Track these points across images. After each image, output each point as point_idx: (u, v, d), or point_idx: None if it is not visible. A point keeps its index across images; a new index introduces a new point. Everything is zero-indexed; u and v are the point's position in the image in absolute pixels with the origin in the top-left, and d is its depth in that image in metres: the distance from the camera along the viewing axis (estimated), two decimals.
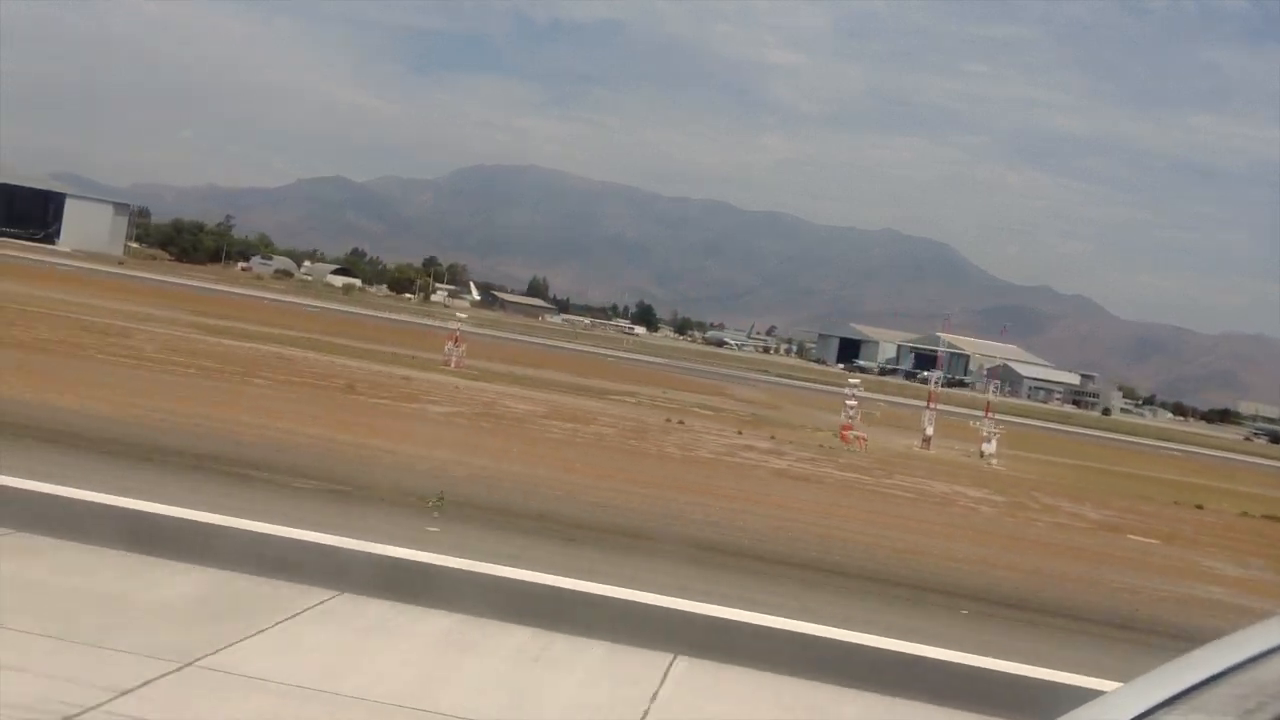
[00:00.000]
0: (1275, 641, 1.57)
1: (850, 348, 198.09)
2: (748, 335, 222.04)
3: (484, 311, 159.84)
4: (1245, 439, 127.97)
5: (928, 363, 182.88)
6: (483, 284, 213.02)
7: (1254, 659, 1.53)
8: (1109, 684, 5.80)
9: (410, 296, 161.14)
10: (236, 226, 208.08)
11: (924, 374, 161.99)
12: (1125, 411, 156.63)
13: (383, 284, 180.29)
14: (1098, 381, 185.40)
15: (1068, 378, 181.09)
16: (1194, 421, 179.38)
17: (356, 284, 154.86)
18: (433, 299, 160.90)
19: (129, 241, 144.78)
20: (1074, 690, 6.72)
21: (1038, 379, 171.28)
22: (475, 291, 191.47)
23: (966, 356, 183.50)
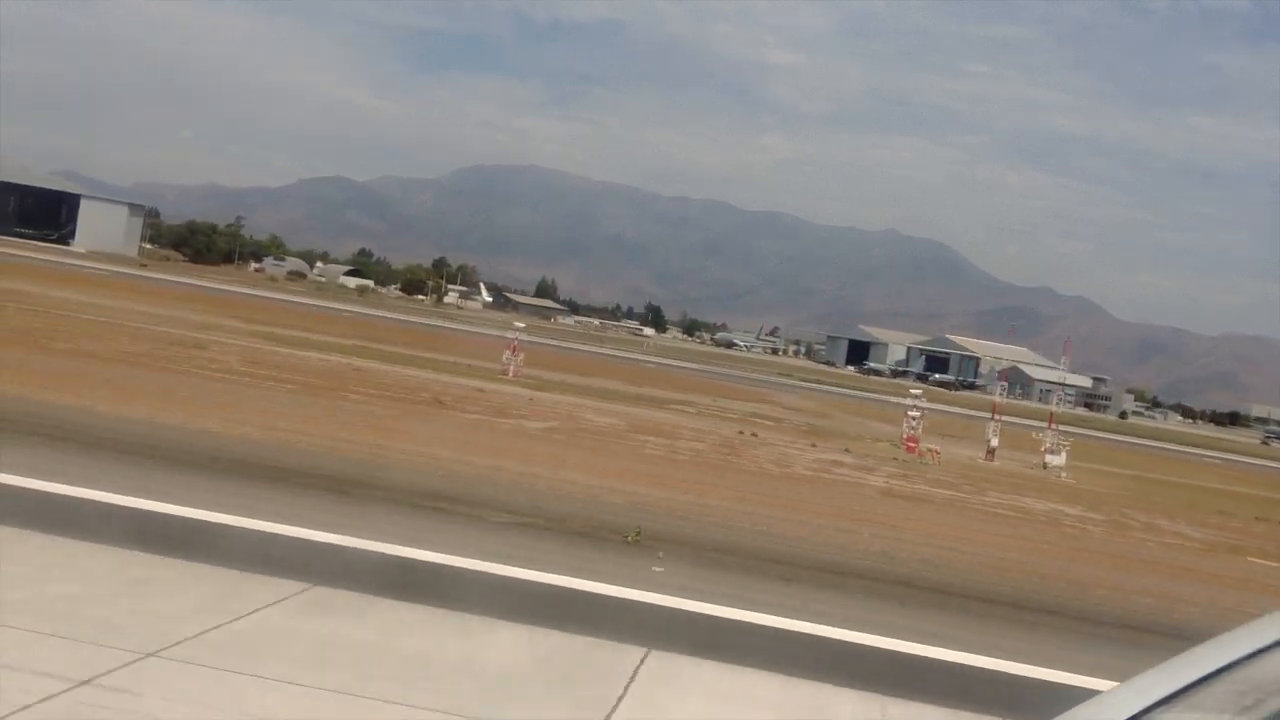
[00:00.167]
0: (1272, 638, 1.58)
1: (859, 349, 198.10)
2: (756, 337, 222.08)
3: (496, 313, 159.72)
4: (1262, 442, 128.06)
5: (939, 365, 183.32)
6: (490, 285, 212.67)
7: (1251, 656, 1.54)
8: (1107, 684, 6.20)
9: (423, 298, 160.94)
10: (233, 224, 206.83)
11: (934, 376, 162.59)
12: (1136, 414, 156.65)
13: (391, 284, 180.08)
14: (1109, 384, 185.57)
15: (1078, 380, 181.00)
16: (1202, 424, 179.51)
17: (370, 285, 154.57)
18: (445, 300, 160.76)
19: (143, 243, 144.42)
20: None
21: (1047, 381, 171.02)
22: (485, 293, 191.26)
23: (977, 359, 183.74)
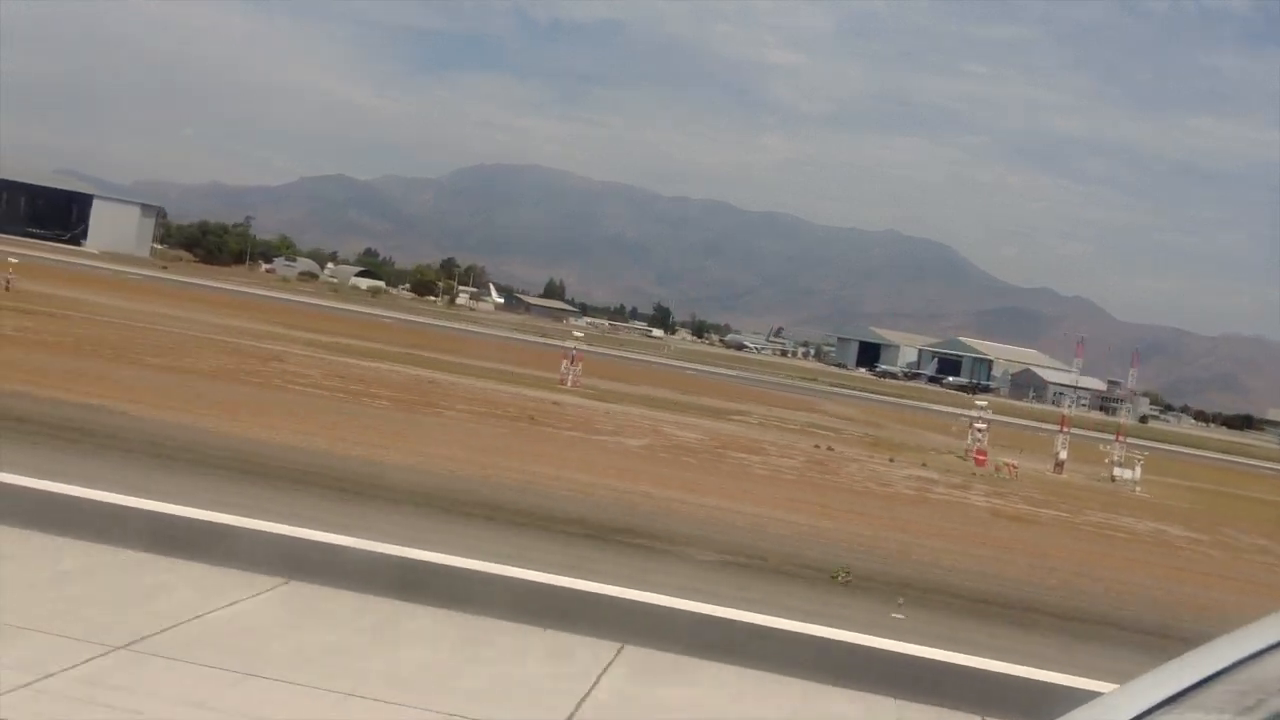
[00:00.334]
0: (1272, 639, 1.58)
1: (870, 351, 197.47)
2: (767, 339, 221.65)
3: (509, 315, 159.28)
4: None
5: (951, 367, 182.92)
6: (499, 286, 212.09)
7: (1251, 657, 1.54)
8: (1106, 685, 5.78)
9: (434, 299, 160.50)
10: (242, 224, 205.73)
11: (947, 378, 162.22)
12: (1152, 418, 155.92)
13: (398, 284, 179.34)
14: (1123, 387, 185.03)
15: (1093, 383, 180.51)
16: (1214, 428, 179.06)
17: (382, 287, 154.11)
18: (457, 302, 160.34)
19: (154, 243, 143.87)
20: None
21: (1062, 384, 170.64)
22: (495, 293, 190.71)
23: (989, 361, 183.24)
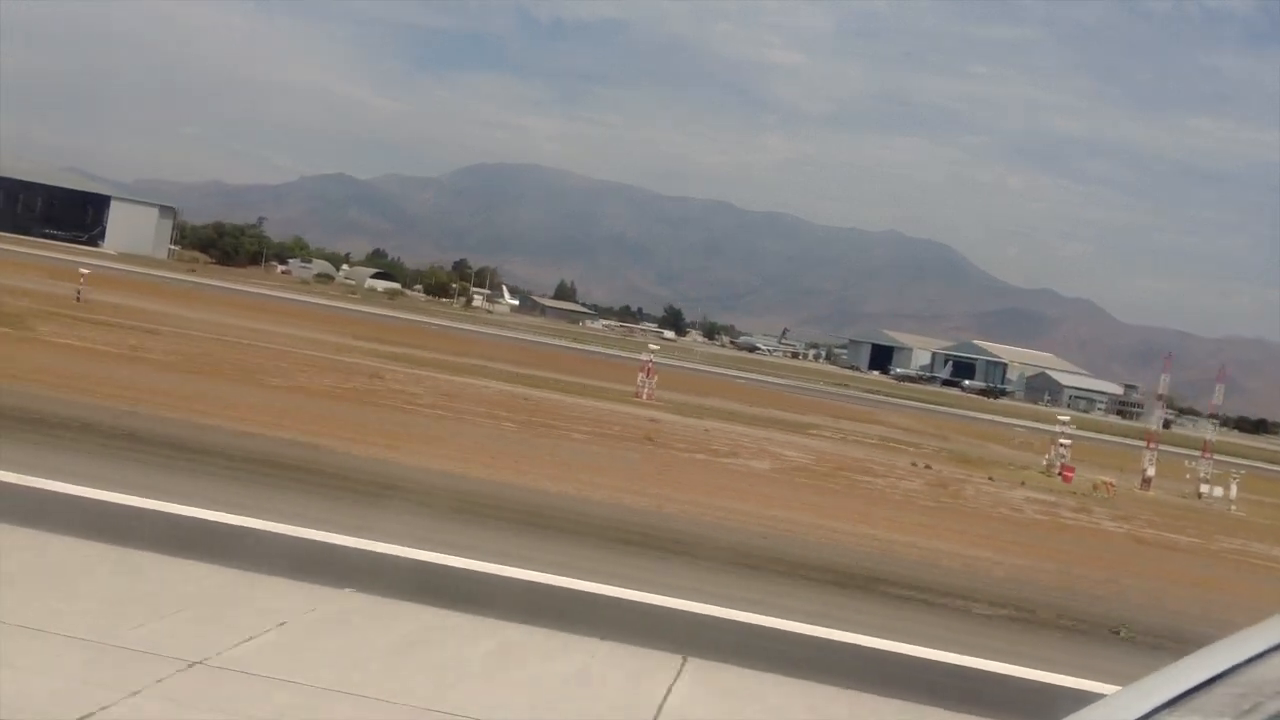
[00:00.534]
0: (1271, 642, 1.58)
1: (882, 354, 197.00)
2: (778, 340, 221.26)
3: (527, 317, 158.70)
4: None
5: (965, 370, 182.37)
6: (513, 288, 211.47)
7: (1251, 660, 1.54)
8: (1107, 687, 5.83)
9: (449, 301, 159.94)
10: (255, 226, 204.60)
11: (965, 382, 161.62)
12: (1170, 422, 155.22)
13: (409, 285, 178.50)
14: (1141, 391, 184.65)
15: (1108, 386, 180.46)
16: (1230, 432, 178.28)
17: (398, 289, 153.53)
18: (473, 304, 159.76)
19: (171, 245, 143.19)
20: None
21: (1078, 388, 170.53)
22: (508, 294, 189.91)
23: (1004, 364, 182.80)
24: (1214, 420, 47.88)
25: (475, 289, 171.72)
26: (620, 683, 6.56)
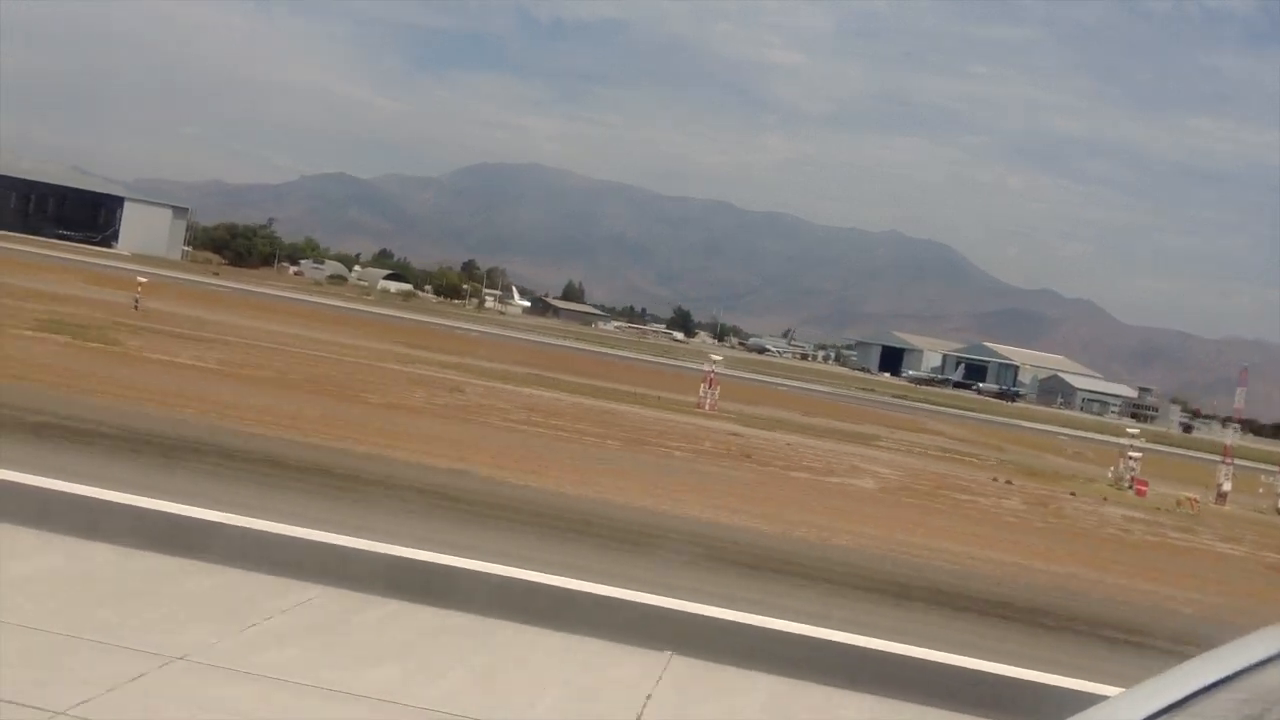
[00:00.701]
0: (1277, 648, 1.57)
1: (893, 356, 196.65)
2: (788, 342, 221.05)
3: (541, 320, 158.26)
4: None
5: (977, 373, 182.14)
6: (523, 289, 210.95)
7: (1256, 665, 1.53)
8: (1108, 689, 5.86)
9: (461, 302, 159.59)
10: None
11: (979, 385, 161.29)
12: (1190, 428, 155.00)
13: (418, 286, 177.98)
14: (1155, 394, 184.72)
15: (1121, 389, 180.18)
16: (1248, 436, 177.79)
17: (411, 290, 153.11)
18: (486, 306, 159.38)
19: (184, 246, 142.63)
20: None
21: (1091, 391, 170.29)
22: (517, 295, 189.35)
23: (1015, 367, 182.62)
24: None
25: (487, 290, 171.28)
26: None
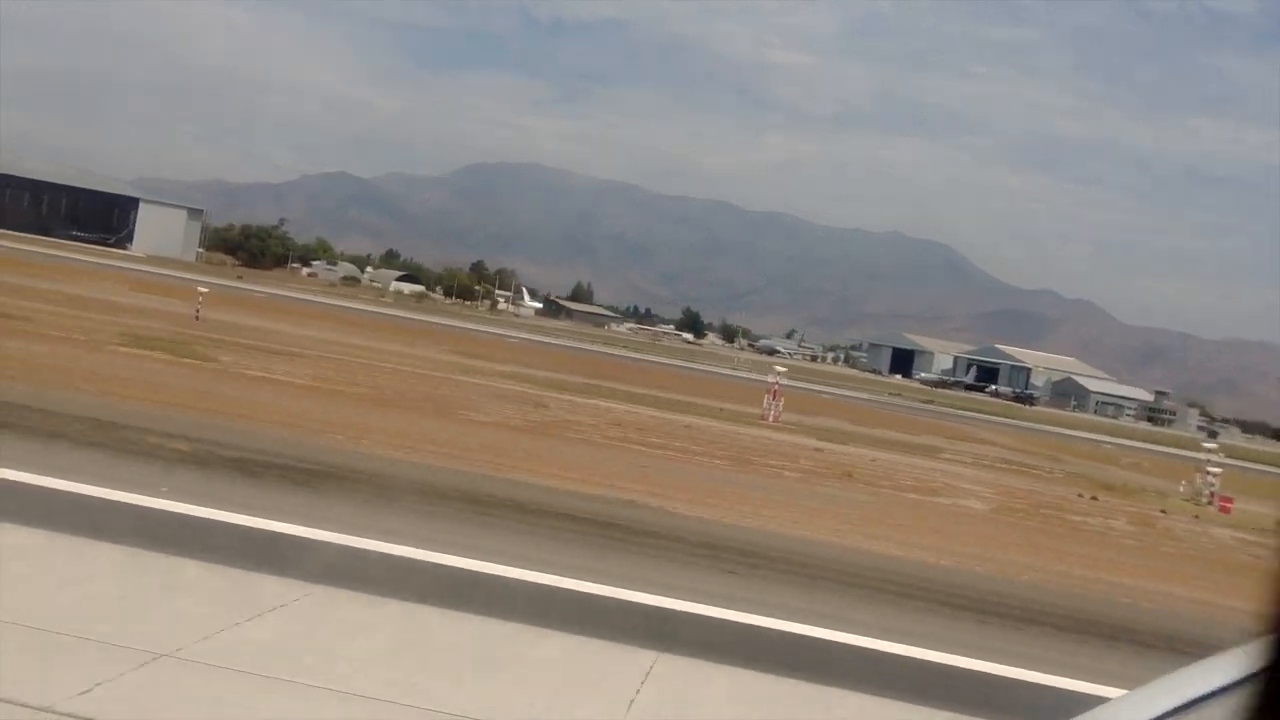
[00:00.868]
0: None
1: (903, 358, 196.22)
2: (798, 344, 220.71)
3: (555, 322, 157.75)
4: None
5: (989, 375, 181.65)
6: (529, 288, 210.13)
7: (1260, 672, 1.53)
8: (1109, 690, 5.68)
9: (474, 304, 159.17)
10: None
11: (992, 387, 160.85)
12: (1202, 430, 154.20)
13: (427, 288, 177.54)
14: (1172, 398, 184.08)
15: (1136, 393, 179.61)
16: (1262, 440, 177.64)
17: (424, 292, 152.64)
18: (499, 307, 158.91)
19: (199, 248, 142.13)
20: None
21: (1105, 394, 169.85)
22: (528, 296, 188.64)
23: (1028, 369, 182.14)
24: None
25: (499, 292, 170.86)
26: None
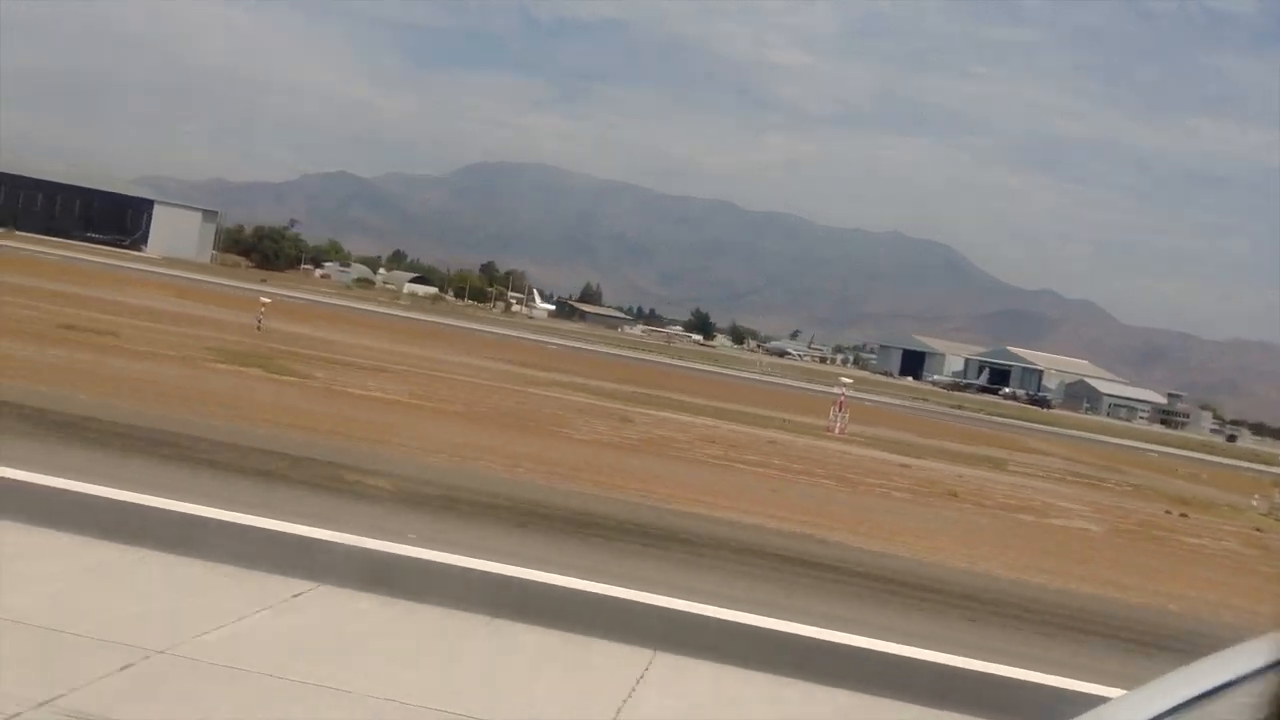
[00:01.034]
0: None
1: (914, 360, 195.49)
2: (808, 345, 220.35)
3: (567, 323, 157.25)
4: None
5: (1001, 378, 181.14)
6: (543, 292, 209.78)
7: (1261, 670, 1.54)
8: (1108, 690, 5.69)
9: (488, 305, 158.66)
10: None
11: (1006, 390, 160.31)
12: (1216, 433, 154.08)
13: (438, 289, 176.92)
14: (1185, 400, 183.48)
15: (1147, 394, 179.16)
16: (1272, 441, 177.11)
17: (438, 294, 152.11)
18: (513, 309, 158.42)
19: (214, 250, 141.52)
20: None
21: (1117, 396, 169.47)
22: (539, 298, 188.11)
23: (1039, 371, 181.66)
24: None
25: (512, 294, 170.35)
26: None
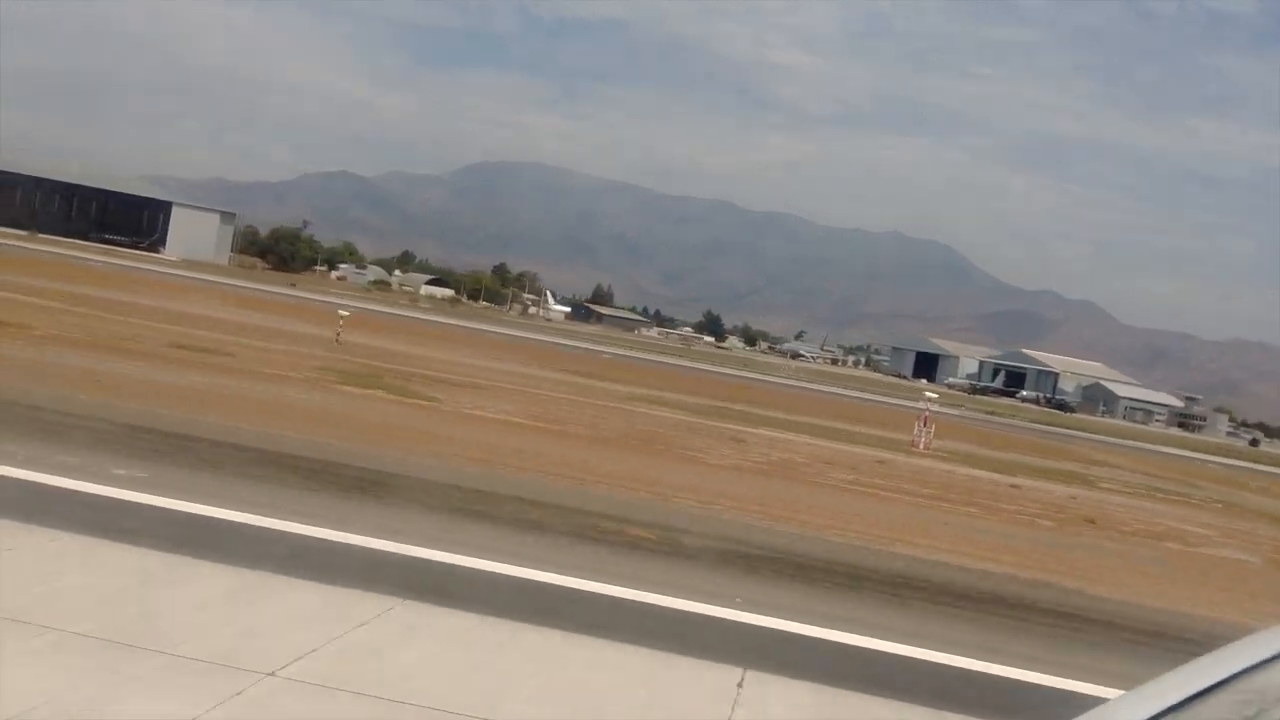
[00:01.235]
0: (1276, 649, 1.61)
1: (927, 362, 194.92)
2: (820, 347, 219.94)
3: (585, 326, 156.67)
4: None
5: (1016, 380, 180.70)
6: (555, 293, 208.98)
7: (1255, 666, 1.56)
8: (1108, 691, 5.65)
9: (505, 307, 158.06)
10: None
11: (1024, 393, 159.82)
12: (1232, 436, 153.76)
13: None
14: (1201, 403, 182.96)
15: (1162, 397, 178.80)
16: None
17: (455, 296, 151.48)
18: (529, 311, 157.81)
19: (232, 251, 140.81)
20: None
21: (1134, 399, 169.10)
22: (552, 299, 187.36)
23: (1055, 374, 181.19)
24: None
25: (528, 296, 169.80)
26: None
